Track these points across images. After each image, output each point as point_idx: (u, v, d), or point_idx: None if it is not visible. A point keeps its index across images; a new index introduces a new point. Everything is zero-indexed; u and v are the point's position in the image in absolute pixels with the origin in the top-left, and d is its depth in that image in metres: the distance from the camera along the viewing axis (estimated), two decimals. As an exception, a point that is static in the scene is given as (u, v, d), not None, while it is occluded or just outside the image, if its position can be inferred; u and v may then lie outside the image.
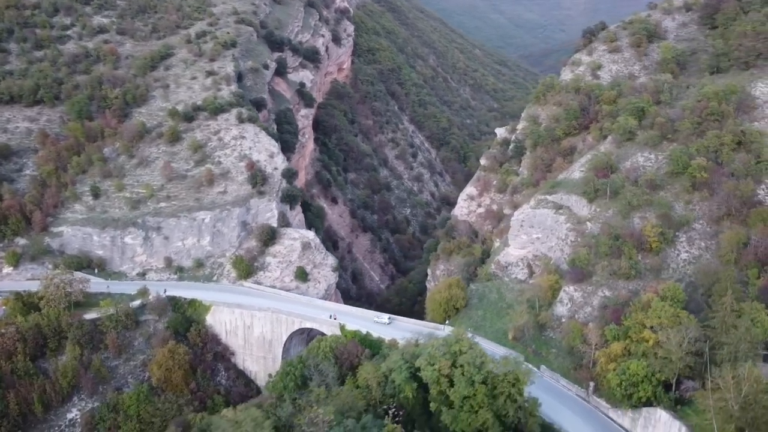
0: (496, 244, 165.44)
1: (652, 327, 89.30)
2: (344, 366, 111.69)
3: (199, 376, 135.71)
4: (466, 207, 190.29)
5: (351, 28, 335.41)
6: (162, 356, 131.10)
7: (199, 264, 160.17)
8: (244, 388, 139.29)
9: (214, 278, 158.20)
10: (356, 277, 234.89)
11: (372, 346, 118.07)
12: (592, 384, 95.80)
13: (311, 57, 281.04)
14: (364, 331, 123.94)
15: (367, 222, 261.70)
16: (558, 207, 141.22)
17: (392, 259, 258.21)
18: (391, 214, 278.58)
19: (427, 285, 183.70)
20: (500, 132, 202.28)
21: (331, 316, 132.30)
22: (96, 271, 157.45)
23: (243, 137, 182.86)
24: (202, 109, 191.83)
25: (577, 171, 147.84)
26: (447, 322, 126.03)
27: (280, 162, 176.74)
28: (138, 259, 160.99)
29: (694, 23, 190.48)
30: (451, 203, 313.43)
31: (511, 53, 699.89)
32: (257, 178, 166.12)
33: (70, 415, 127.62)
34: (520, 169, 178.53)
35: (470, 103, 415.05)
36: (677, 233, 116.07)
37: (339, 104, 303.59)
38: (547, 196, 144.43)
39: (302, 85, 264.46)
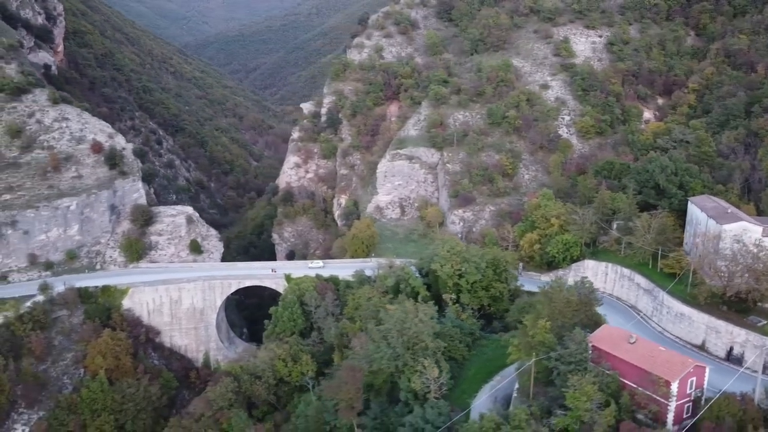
0: (342, 199, 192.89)
1: (554, 216, 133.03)
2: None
3: (142, 357, 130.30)
4: (295, 174, 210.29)
5: (60, 7, 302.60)
6: (104, 345, 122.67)
7: (72, 255, 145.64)
8: (182, 361, 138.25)
9: (97, 267, 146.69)
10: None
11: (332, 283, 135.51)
12: (521, 264, 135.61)
13: (44, 36, 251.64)
14: (312, 275, 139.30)
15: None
16: (410, 158, 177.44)
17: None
18: (161, 201, 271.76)
19: (277, 248, 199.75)
20: (306, 106, 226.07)
21: (272, 270, 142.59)
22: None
23: (66, 119, 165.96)
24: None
25: (411, 130, 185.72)
26: (372, 255, 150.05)
27: (123, 142, 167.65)
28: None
29: (432, 16, 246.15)
30: (204, 187, 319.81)
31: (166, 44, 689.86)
32: (116, 159, 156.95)
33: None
34: (343, 135, 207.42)
35: (179, 90, 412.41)
36: (518, 163, 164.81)
37: (73, 90, 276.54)
38: (399, 151, 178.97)
39: (47, 67, 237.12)
